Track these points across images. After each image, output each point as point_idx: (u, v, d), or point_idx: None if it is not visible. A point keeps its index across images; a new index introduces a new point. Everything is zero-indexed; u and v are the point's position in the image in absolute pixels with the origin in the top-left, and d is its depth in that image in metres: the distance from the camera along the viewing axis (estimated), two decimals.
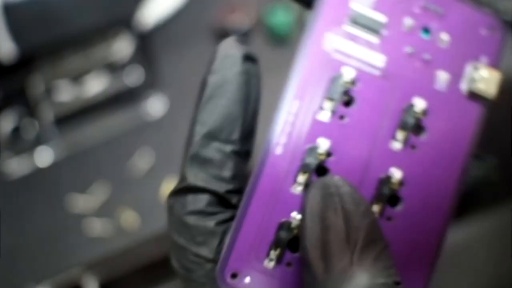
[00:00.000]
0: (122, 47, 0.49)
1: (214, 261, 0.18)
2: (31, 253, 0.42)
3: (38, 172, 0.45)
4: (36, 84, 0.48)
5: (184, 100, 0.47)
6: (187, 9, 0.51)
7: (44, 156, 0.46)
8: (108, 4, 0.52)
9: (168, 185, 0.44)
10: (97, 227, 0.43)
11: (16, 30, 0.51)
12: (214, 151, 0.19)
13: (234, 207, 0.19)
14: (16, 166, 0.45)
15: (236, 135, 0.19)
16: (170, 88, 0.48)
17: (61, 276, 0.41)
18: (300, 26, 0.49)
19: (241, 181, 0.19)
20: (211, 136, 0.19)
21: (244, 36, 0.49)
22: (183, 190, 0.18)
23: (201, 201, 0.18)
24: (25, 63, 0.49)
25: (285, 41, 0.48)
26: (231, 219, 0.19)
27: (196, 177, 0.18)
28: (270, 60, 0.48)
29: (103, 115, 0.47)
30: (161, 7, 0.50)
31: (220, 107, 0.19)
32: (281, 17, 0.48)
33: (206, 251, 0.18)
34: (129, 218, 0.43)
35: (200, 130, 0.19)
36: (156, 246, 0.41)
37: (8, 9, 0.52)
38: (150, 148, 0.45)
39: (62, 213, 0.44)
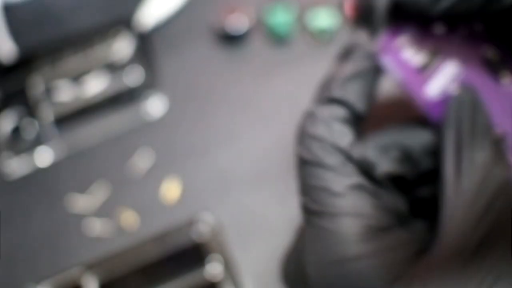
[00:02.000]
0: (122, 47, 0.49)
1: (347, 154, 0.21)
2: (31, 253, 0.42)
3: (38, 172, 0.45)
4: (36, 84, 0.48)
5: (184, 100, 0.47)
6: (187, 9, 0.51)
7: (44, 156, 0.46)
8: (108, 4, 0.52)
9: (168, 185, 0.44)
10: (97, 227, 0.43)
11: (16, 30, 0.51)
12: (352, 89, 0.22)
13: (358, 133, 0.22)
14: (16, 166, 0.46)
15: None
16: (170, 88, 0.48)
17: (61, 276, 0.41)
18: (300, 26, 0.49)
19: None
20: (358, 74, 0.22)
21: (244, 36, 0.49)
22: (329, 101, 0.22)
23: (341, 111, 0.22)
24: (25, 63, 0.49)
25: (285, 41, 0.48)
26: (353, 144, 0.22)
27: (341, 94, 0.22)
28: (270, 60, 0.48)
29: (103, 115, 0.47)
30: (161, 7, 0.50)
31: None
32: (281, 17, 0.48)
33: (341, 143, 0.21)
34: (129, 218, 0.43)
35: (349, 67, 0.22)
36: (156, 246, 0.41)
37: (8, 9, 0.52)
38: (150, 148, 0.45)
39: (62, 213, 0.44)
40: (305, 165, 0.21)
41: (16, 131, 0.47)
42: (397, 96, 0.28)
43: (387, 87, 0.25)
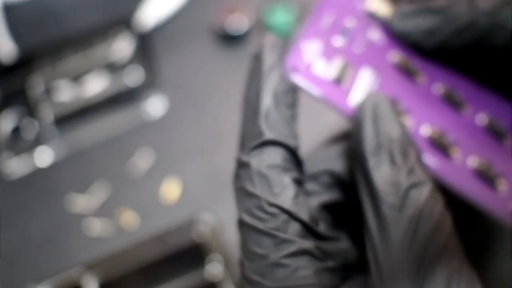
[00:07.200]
0: (122, 47, 0.49)
1: (289, 212, 0.18)
2: (31, 253, 0.42)
3: (38, 172, 0.45)
4: (36, 84, 0.48)
5: (184, 100, 0.47)
6: (187, 9, 0.51)
7: (44, 156, 0.46)
8: (108, 4, 0.52)
9: (168, 185, 0.44)
10: (97, 227, 0.43)
11: (16, 30, 0.51)
12: (284, 111, 0.20)
13: (301, 167, 0.20)
14: (16, 166, 0.46)
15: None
16: (170, 88, 0.48)
17: (61, 276, 0.41)
18: (300, 26, 0.49)
19: None
20: (278, 98, 0.20)
21: (244, 36, 0.49)
22: (260, 145, 0.20)
23: (278, 155, 0.19)
24: (25, 63, 0.49)
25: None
26: (299, 182, 0.20)
27: (273, 133, 0.19)
28: None
29: (103, 115, 0.47)
30: (161, 7, 0.50)
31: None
32: (281, 17, 0.48)
33: (282, 201, 0.19)
34: (129, 218, 0.43)
35: (268, 94, 0.20)
36: (156, 246, 0.41)
37: (8, 9, 0.52)
38: (150, 148, 0.45)
39: (62, 213, 0.44)
40: (244, 228, 0.19)
41: (16, 131, 0.47)
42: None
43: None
